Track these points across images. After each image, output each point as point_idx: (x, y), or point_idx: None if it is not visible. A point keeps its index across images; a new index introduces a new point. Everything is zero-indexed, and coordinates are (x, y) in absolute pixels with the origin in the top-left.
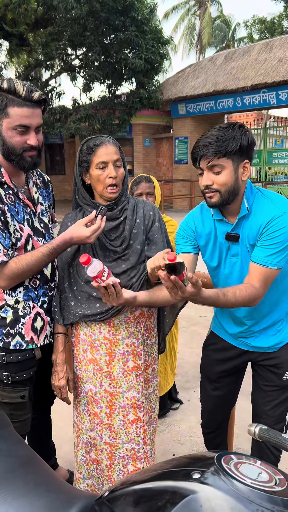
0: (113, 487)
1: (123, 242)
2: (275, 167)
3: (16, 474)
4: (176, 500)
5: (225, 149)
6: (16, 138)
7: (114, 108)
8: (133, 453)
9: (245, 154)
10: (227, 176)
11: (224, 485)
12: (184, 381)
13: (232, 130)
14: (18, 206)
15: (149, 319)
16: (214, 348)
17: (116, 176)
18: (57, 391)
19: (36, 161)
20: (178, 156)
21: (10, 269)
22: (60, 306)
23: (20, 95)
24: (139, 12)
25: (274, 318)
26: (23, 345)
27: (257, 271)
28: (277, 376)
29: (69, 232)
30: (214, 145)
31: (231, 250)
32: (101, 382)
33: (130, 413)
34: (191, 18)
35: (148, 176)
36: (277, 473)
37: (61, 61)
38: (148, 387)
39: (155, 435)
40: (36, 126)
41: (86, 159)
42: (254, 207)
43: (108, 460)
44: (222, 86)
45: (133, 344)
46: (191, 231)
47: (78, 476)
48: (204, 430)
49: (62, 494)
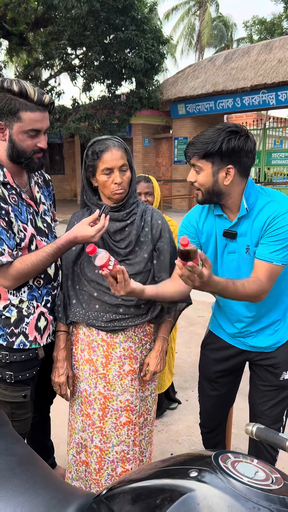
0: (111, 485)
1: (128, 245)
2: (275, 168)
3: (15, 472)
4: (174, 498)
5: (203, 151)
6: (27, 142)
7: (114, 108)
8: (122, 455)
9: (227, 159)
10: (205, 177)
11: (221, 483)
12: (182, 381)
13: (218, 134)
14: (21, 206)
15: (148, 324)
16: (212, 348)
17: (122, 181)
18: (57, 388)
19: (43, 162)
20: (178, 156)
21: (15, 269)
22: (64, 305)
23: (32, 100)
24: (139, 11)
25: (272, 317)
26: (27, 345)
27: (263, 267)
28: (274, 376)
29: (73, 232)
30: (195, 146)
31: (228, 247)
32: (96, 384)
33: (123, 415)
34: (191, 18)
35: (147, 176)
36: (273, 471)
37: (61, 60)
38: (145, 390)
39: (151, 436)
40: (45, 129)
41: (92, 164)
42: (257, 207)
43: (97, 464)
44: (222, 87)
45: (130, 348)
46: (192, 228)
47: (67, 476)
48: (203, 430)
49: (60, 492)
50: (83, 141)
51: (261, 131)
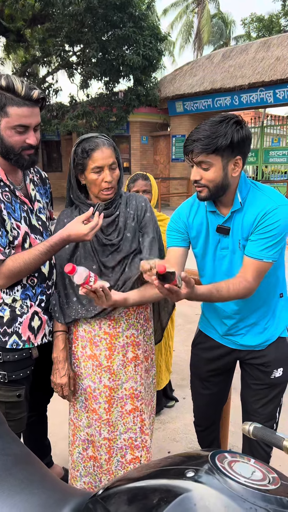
0: (107, 485)
1: (119, 233)
2: (272, 166)
3: (10, 472)
4: (170, 499)
5: (214, 146)
6: (15, 138)
7: (112, 105)
8: (130, 442)
9: (237, 150)
10: (215, 173)
11: (217, 483)
12: (179, 378)
13: (225, 126)
14: (14, 204)
15: (146, 310)
16: (203, 347)
17: (112, 180)
18: (59, 389)
19: (34, 159)
20: (175, 154)
21: (7, 268)
22: (60, 304)
23: (20, 94)
24: (136, 8)
25: (261, 313)
26: (20, 345)
27: (252, 265)
28: (265, 374)
29: (67, 230)
30: (203, 141)
31: (221, 243)
32: (101, 378)
33: (128, 403)
34: (189, 15)
35: (145, 173)
36: (270, 471)
37: (59, 57)
38: (148, 376)
39: (153, 425)
40: (35, 125)
41: (82, 162)
42: (248, 201)
43: (106, 454)
44: (220, 84)
45: (132, 335)
46: (182, 223)
47: (74, 474)
48: (197, 428)
49: (56, 492)
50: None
51: (259, 129)
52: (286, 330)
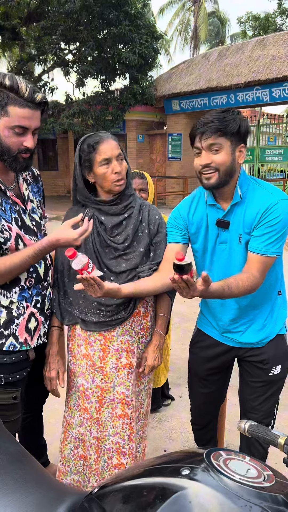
0: (103, 484)
1: (126, 240)
2: (268, 165)
3: (6, 471)
4: (165, 497)
5: (226, 128)
6: (13, 139)
7: (108, 104)
8: (118, 447)
9: (242, 138)
10: (226, 155)
11: (213, 481)
12: (175, 377)
13: (232, 114)
14: (5, 205)
15: (144, 318)
16: (201, 346)
17: (121, 170)
18: (48, 383)
19: (28, 163)
20: (172, 153)
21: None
22: (59, 302)
23: (23, 95)
24: (132, 6)
25: (260, 310)
26: (17, 347)
27: (257, 261)
28: (264, 371)
29: (56, 234)
30: (216, 123)
31: (220, 237)
32: (93, 378)
33: (118, 407)
34: (186, 14)
35: (142, 172)
36: (265, 469)
37: (54, 55)
38: (140, 384)
39: (145, 430)
40: (34, 128)
41: (88, 158)
42: (248, 195)
43: (95, 454)
44: (216, 83)
45: (127, 341)
46: (182, 220)
47: (64, 470)
48: (194, 427)
49: (51, 491)
50: (76, 137)
51: (255, 128)
52: (284, 327)
